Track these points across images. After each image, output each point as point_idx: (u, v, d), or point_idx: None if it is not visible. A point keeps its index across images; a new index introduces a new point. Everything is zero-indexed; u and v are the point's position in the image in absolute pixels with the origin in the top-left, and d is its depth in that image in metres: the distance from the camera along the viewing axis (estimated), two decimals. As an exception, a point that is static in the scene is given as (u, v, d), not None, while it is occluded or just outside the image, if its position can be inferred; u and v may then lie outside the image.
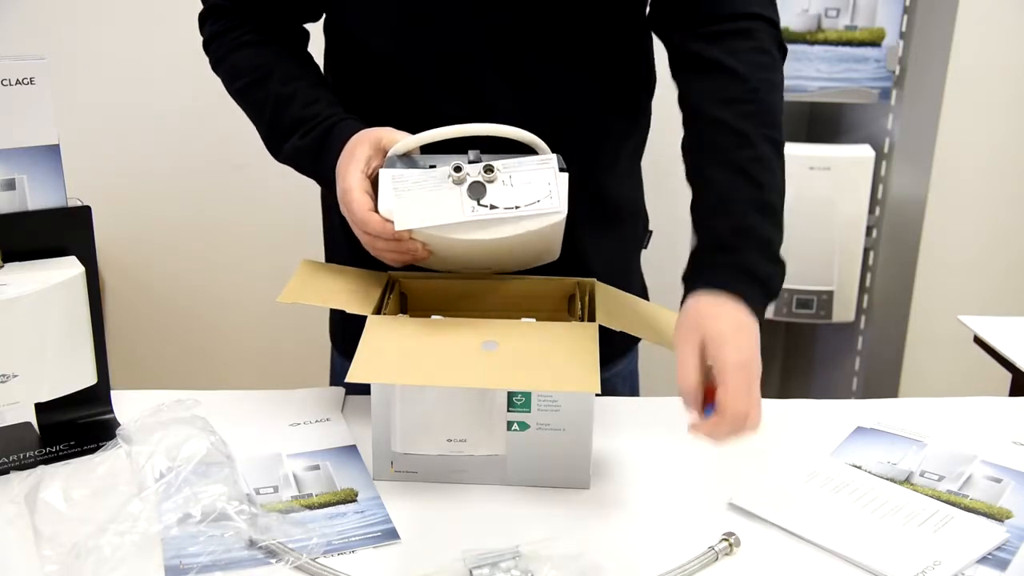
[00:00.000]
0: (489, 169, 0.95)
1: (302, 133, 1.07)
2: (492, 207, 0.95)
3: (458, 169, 0.95)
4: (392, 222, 0.95)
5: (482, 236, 0.96)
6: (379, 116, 1.09)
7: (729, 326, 0.90)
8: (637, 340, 1.28)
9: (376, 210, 0.97)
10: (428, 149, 1.01)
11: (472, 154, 0.97)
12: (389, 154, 0.99)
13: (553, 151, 0.99)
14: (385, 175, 0.97)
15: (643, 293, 1.30)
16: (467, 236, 0.96)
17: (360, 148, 1.00)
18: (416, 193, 0.96)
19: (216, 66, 1.17)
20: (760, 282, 0.95)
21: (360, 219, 0.97)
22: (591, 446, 0.96)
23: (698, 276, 0.96)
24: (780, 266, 0.98)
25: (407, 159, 1.00)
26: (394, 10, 1.06)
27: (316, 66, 1.18)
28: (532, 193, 0.96)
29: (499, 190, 0.96)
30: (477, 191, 0.95)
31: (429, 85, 0.97)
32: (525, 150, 1.00)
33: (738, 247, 0.96)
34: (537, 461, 0.96)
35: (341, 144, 1.03)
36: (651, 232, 1.30)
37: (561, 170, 0.97)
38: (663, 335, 1.06)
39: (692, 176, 1.02)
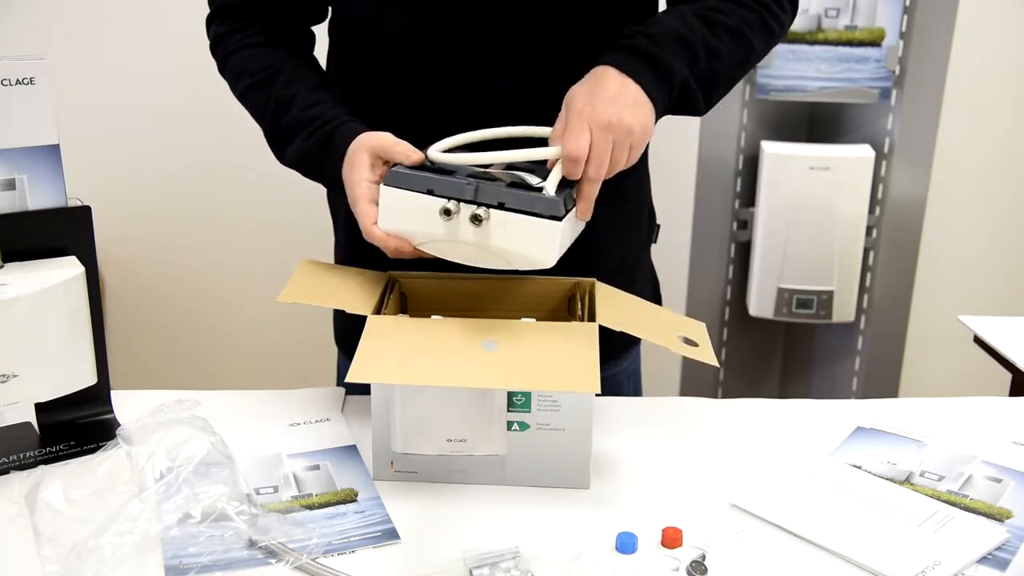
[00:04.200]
0: (477, 219, 0.95)
1: (305, 135, 1.07)
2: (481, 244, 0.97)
3: (447, 212, 0.96)
4: (392, 237, 1.00)
5: (471, 263, 1.00)
6: (385, 109, 1.09)
7: (589, 82, 0.95)
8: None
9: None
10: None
11: (470, 185, 0.95)
12: (395, 168, 1.00)
13: None
14: (383, 193, 1.00)
15: (655, 286, 1.30)
16: (458, 260, 1.00)
17: (358, 155, 1.02)
18: (406, 221, 0.99)
19: (222, 68, 1.17)
20: (646, 58, 0.98)
21: (366, 231, 1.01)
22: (591, 446, 0.96)
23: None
24: (673, 66, 1.00)
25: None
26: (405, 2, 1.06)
27: (321, 69, 1.17)
28: (522, 239, 0.95)
29: (489, 231, 0.96)
30: (467, 226, 0.96)
31: (440, 72, 0.98)
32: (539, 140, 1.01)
33: (634, 35, 1.00)
34: (537, 461, 0.96)
35: (344, 147, 1.03)
36: (659, 226, 1.30)
37: (555, 218, 0.94)
38: (663, 335, 1.06)
39: None
